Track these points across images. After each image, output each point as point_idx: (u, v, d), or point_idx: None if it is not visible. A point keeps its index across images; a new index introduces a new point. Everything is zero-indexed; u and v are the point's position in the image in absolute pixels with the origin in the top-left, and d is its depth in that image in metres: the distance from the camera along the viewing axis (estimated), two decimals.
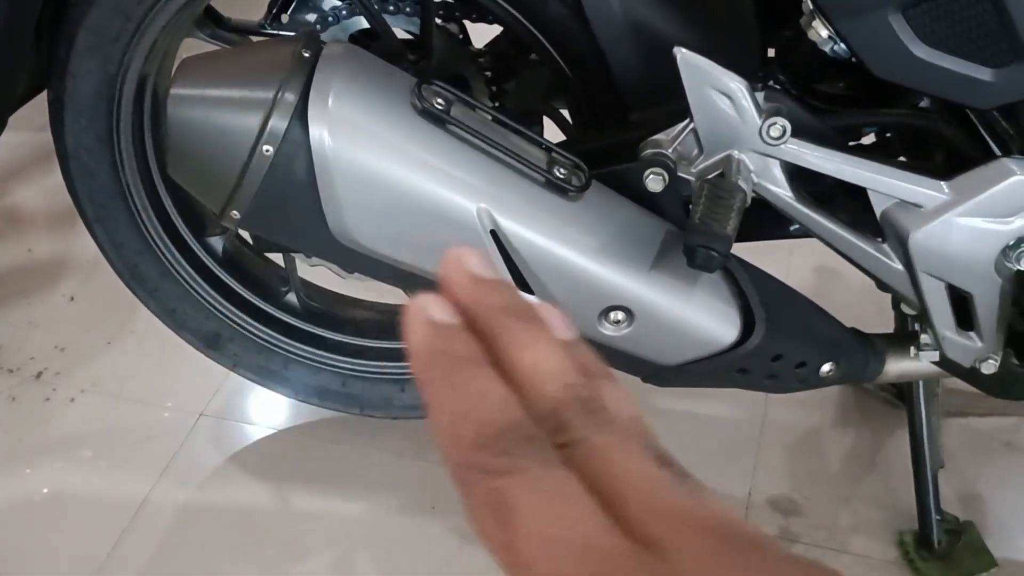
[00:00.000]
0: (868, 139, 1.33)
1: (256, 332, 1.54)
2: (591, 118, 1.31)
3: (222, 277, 1.53)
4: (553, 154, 1.12)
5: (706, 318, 1.15)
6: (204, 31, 1.40)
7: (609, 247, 1.11)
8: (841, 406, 1.72)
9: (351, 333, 1.56)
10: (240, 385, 1.68)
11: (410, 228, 1.08)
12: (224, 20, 1.48)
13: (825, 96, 1.29)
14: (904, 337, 1.31)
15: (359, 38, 1.46)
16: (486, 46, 1.49)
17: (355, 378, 1.56)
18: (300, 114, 1.04)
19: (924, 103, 1.25)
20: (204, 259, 1.52)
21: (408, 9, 1.42)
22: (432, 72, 1.38)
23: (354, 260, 1.12)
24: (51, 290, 1.88)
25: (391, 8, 1.42)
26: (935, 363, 1.27)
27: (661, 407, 1.69)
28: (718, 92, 1.12)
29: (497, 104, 1.47)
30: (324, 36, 1.44)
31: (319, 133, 1.04)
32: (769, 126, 1.13)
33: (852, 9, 1.09)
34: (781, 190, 1.17)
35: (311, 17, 1.46)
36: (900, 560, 1.51)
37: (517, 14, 1.26)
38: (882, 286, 1.23)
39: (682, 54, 1.10)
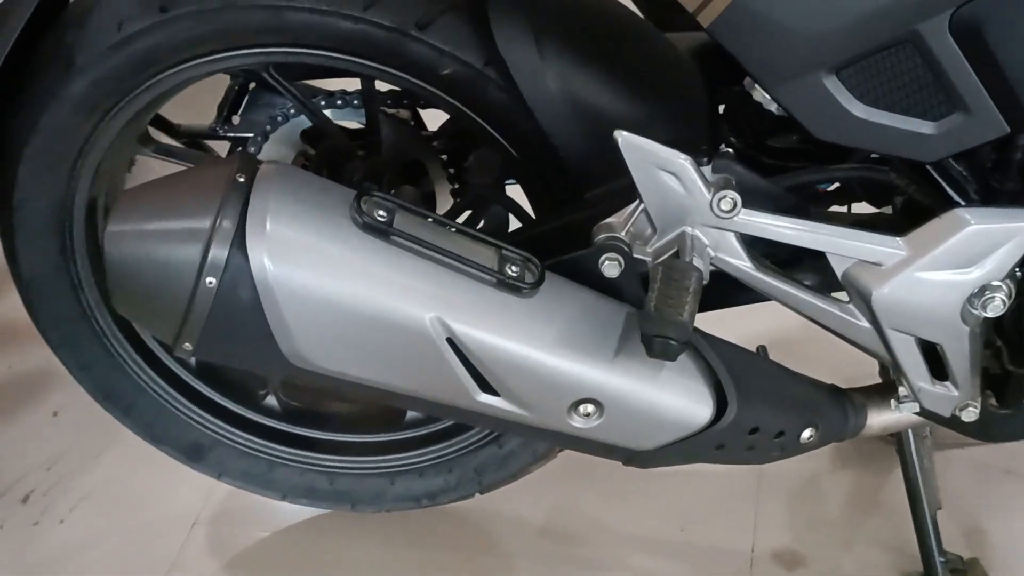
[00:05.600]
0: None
1: (237, 439, 1.52)
2: (547, 198, 1.29)
3: (197, 387, 1.51)
4: (503, 251, 1.11)
5: (677, 400, 1.13)
6: (149, 147, 1.39)
7: (569, 339, 1.09)
8: (838, 448, 1.69)
9: (335, 429, 1.54)
10: (231, 489, 1.66)
11: (363, 345, 1.06)
12: (174, 127, 1.48)
13: (778, 152, 1.27)
14: (884, 389, 1.28)
15: (312, 134, 1.45)
16: (439, 128, 1.48)
17: (343, 475, 1.54)
18: (239, 241, 1.03)
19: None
20: (176, 371, 1.50)
21: (356, 102, 1.41)
22: (383, 167, 1.37)
23: (313, 380, 1.10)
24: (34, 408, 1.86)
25: (339, 103, 1.41)
26: (917, 414, 1.25)
27: None
28: (664, 171, 1.10)
29: (457, 185, 1.46)
30: (276, 136, 1.44)
31: (259, 258, 1.02)
32: (719, 200, 1.11)
33: (784, 75, 1.07)
34: (740, 261, 1.15)
35: (262, 116, 1.46)
36: None
37: (456, 102, 1.25)
38: (852, 344, 1.21)
39: (623, 137, 1.09)
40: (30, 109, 1.27)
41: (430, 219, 1.11)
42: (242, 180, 1.06)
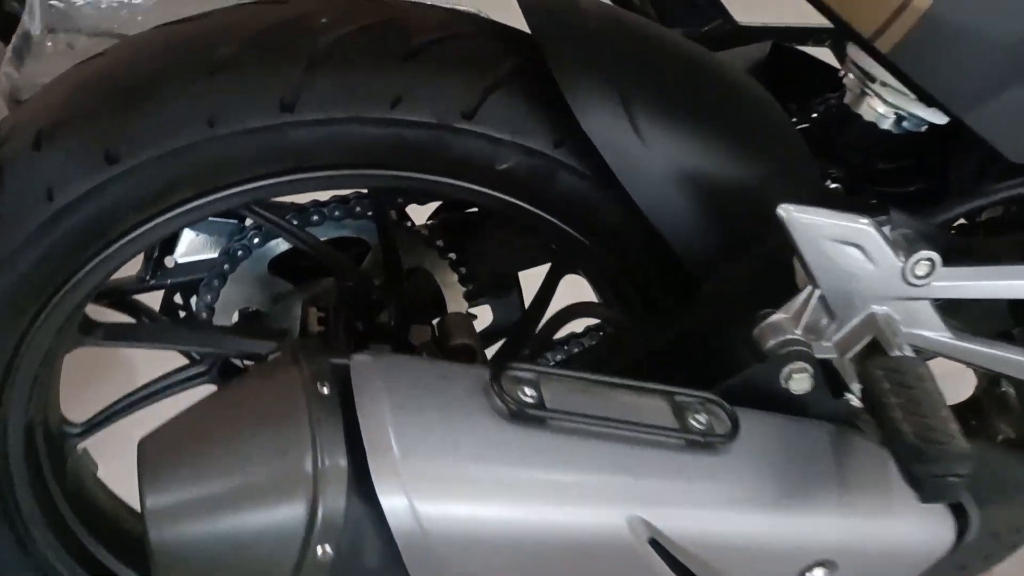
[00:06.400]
0: None
1: None
2: (628, 289, 1.01)
3: None
4: (675, 397, 0.82)
5: (916, 531, 0.88)
6: (96, 335, 1.04)
7: (784, 496, 0.82)
8: None
9: None
10: None
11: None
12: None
13: (887, 177, 1.06)
14: None
15: (281, 260, 1.12)
16: (431, 219, 1.18)
17: None
18: (359, 484, 0.71)
19: None
20: None
21: (337, 213, 1.10)
22: (417, 297, 1.06)
23: None
24: None
25: (315, 219, 1.10)
26: None
27: None
28: (843, 244, 0.85)
29: (472, 287, 1.16)
30: (236, 275, 1.11)
31: (396, 504, 0.71)
32: (914, 265, 0.86)
33: (979, 95, 0.86)
34: (938, 333, 0.90)
35: (210, 254, 1.12)
36: None
37: (512, 199, 0.95)
38: None
39: (787, 212, 0.84)
40: None
41: (575, 376, 0.81)
42: (327, 391, 0.74)
